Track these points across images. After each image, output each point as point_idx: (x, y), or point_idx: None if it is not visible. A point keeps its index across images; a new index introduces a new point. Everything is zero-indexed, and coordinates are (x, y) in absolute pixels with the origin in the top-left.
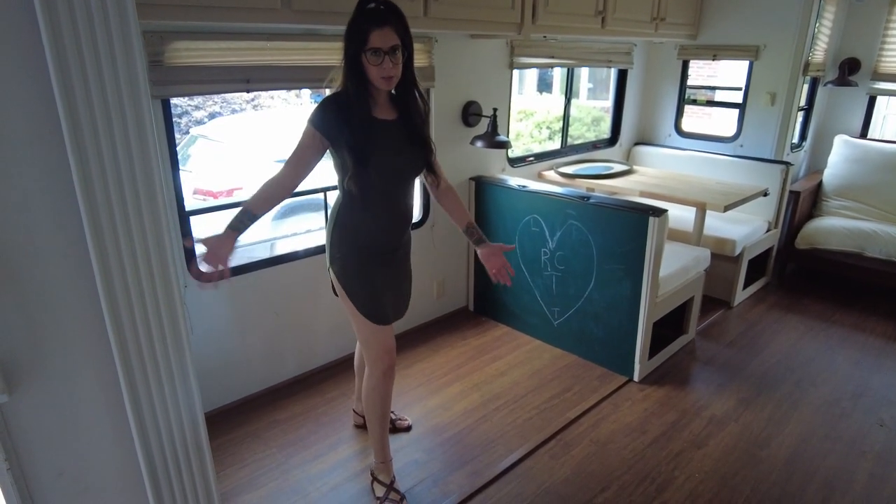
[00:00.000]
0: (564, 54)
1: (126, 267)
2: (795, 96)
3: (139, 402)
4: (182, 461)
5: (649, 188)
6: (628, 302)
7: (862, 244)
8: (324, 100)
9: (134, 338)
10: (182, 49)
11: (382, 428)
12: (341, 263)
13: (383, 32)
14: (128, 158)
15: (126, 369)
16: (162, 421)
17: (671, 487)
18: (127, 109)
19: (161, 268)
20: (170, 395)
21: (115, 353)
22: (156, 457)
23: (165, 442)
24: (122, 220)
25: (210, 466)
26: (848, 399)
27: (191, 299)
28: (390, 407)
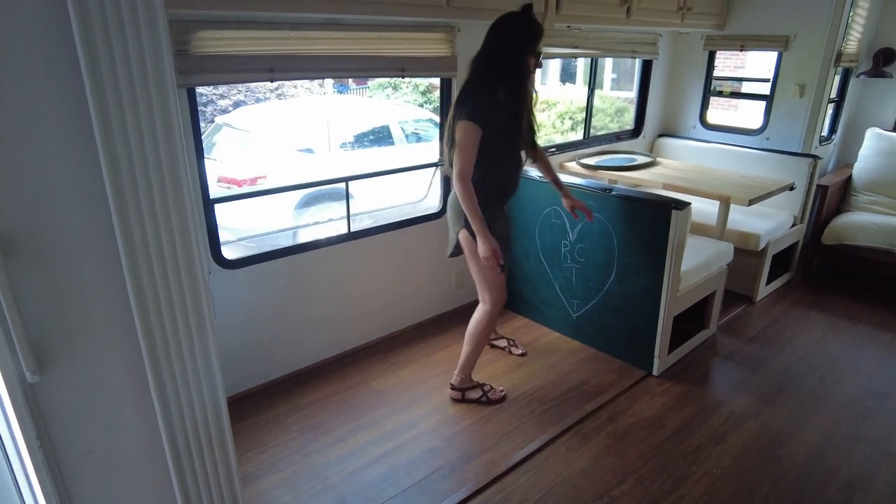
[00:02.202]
0: (588, 45)
1: (152, 254)
2: (826, 88)
3: (163, 385)
4: (204, 443)
5: (672, 181)
6: (649, 295)
7: (892, 241)
8: (475, 94)
9: (159, 322)
10: (208, 38)
11: (478, 355)
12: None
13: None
14: (154, 147)
15: (151, 353)
16: (185, 404)
17: (688, 482)
18: (154, 98)
19: (186, 254)
20: (193, 378)
21: (141, 338)
22: (179, 438)
23: (188, 424)
24: (148, 208)
25: (231, 449)
26: (873, 398)
27: (215, 286)
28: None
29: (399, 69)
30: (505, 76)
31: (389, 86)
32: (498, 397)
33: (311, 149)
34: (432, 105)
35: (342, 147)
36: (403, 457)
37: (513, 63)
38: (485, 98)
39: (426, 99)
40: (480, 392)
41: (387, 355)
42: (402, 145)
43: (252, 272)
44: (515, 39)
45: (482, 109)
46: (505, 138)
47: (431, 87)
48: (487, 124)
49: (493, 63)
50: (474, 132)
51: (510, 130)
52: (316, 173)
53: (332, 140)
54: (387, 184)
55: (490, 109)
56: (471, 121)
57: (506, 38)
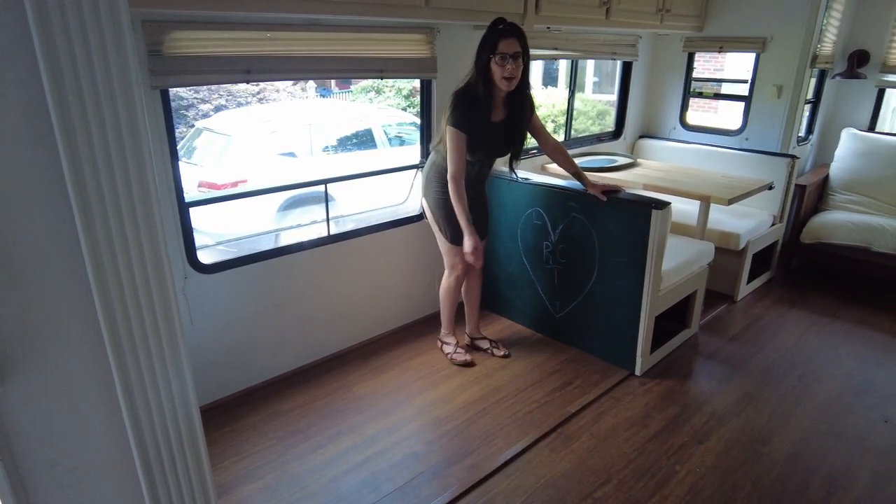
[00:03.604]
0: (568, 46)
1: (118, 258)
2: (803, 89)
3: (132, 394)
4: (176, 453)
5: (653, 181)
6: (630, 295)
7: (869, 239)
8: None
9: (127, 328)
10: (182, 39)
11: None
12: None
13: (509, 42)
14: (119, 150)
15: (119, 360)
16: (156, 413)
17: (672, 482)
18: (119, 99)
19: (154, 259)
20: (163, 386)
21: (108, 345)
22: (149, 449)
23: (160, 434)
24: (113, 212)
25: (205, 457)
26: (852, 395)
27: (192, 291)
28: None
29: (378, 70)
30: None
31: (372, 90)
32: (459, 360)
33: (293, 153)
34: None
35: (325, 151)
36: (385, 462)
37: (481, 68)
38: (467, 105)
39: (409, 103)
40: (451, 349)
41: (368, 360)
42: (385, 149)
43: (229, 277)
44: (480, 46)
45: (465, 115)
46: (479, 145)
47: (414, 91)
48: (471, 131)
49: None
50: (460, 138)
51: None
52: (297, 177)
53: (315, 144)
54: (369, 187)
55: (471, 114)
56: (455, 127)
57: (478, 47)
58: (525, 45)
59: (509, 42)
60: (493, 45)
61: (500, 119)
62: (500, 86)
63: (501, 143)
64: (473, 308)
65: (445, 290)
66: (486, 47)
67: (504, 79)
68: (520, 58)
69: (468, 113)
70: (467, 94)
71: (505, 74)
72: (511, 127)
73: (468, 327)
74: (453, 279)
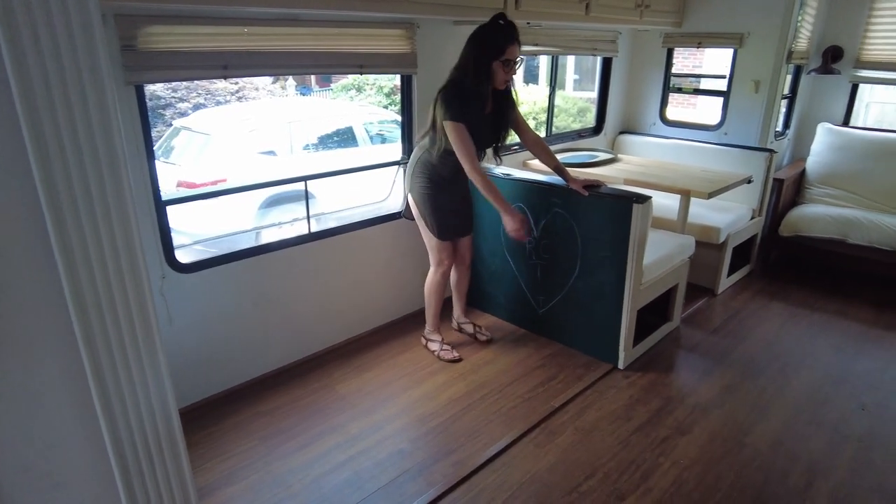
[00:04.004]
0: (549, 42)
1: (91, 257)
2: (779, 84)
3: (108, 396)
4: (155, 456)
5: (634, 176)
6: (613, 289)
7: (845, 231)
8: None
9: (101, 330)
10: (156, 34)
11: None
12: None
13: (513, 48)
14: (91, 147)
15: (93, 362)
16: (133, 415)
17: (656, 474)
18: (89, 94)
19: (129, 258)
20: (140, 387)
21: (82, 347)
22: (127, 452)
23: (137, 436)
24: (85, 210)
25: (185, 460)
26: (830, 384)
27: (170, 291)
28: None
29: (358, 66)
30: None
31: (353, 87)
32: (447, 358)
33: (273, 151)
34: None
35: (305, 149)
36: (369, 461)
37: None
38: (461, 98)
39: (390, 101)
40: (438, 346)
41: (351, 358)
42: (367, 146)
43: (209, 276)
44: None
45: (461, 108)
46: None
47: (395, 90)
48: (469, 121)
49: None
50: (461, 129)
51: (476, 128)
52: (278, 175)
53: (295, 142)
54: (351, 185)
55: (466, 106)
56: (455, 121)
57: (472, 45)
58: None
59: (513, 48)
60: (499, 49)
61: (489, 111)
62: (497, 85)
63: (490, 135)
64: (462, 296)
65: (431, 287)
66: (490, 49)
67: (504, 81)
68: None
69: (463, 105)
70: (460, 87)
71: (506, 78)
72: (498, 118)
73: (455, 312)
74: (439, 275)
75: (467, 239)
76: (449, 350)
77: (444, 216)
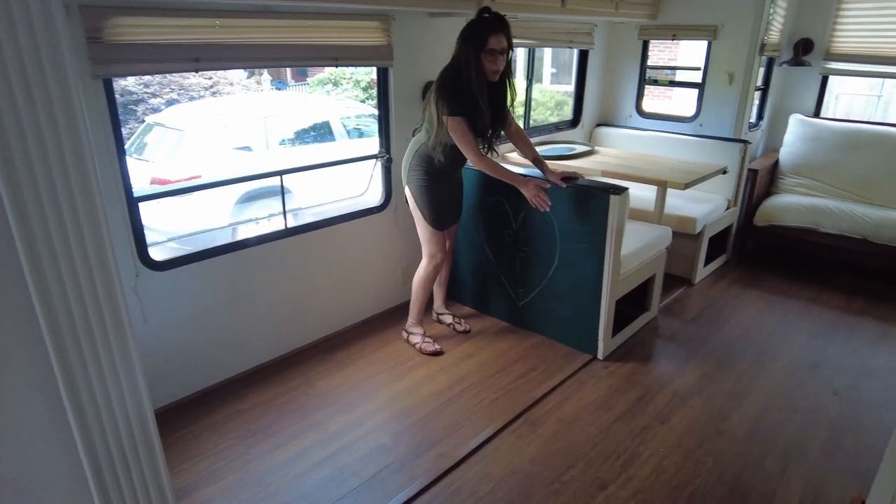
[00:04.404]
0: (525, 34)
1: (58, 255)
2: (752, 76)
3: (79, 398)
4: (131, 459)
5: (611, 168)
6: (591, 280)
7: (817, 220)
8: (446, 93)
9: (70, 330)
10: (124, 25)
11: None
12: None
13: (497, 38)
14: (56, 142)
15: (63, 364)
16: (106, 416)
17: (636, 462)
18: (52, 87)
19: (98, 255)
20: (113, 388)
21: (50, 348)
22: (100, 453)
23: (110, 437)
24: (51, 207)
25: (161, 461)
26: (804, 370)
27: (144, 290)
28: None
29: (333, 58)
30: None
31: (330, 82)
32: (429, 350)
33: (248, 147)
34: (373, 100)
35: (281, 144)
36: (350, 457)
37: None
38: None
39: (368, 95)
40: (419, 339)
41: (331, 354)
42: (344, 141)
43: (184, 273)
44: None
45: (459, 101)
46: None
47: (372, 84)
48: (467, 113)
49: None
50: (462, 123)
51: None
52: (253, 171)
53: (271, 137)
54: (328, 180)
55: (463, 99)
56: (455, 115)
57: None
58: (510, 38)
59: (498, 38)
60: (482, 40)
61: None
62: (489, 77)
63: (485, 125)
64: (444, 286)
65: (421, 280)
66: (474, 41)
67: (493, 71)
68: (506, 52)
69: (461, 99)
70: (454, 81)
71: (494, 68)
72: (494, 110)
73: (436, 302)
74: (431, 268)
75: (455, 225)
76: (430, 343)
77: (440, 207)
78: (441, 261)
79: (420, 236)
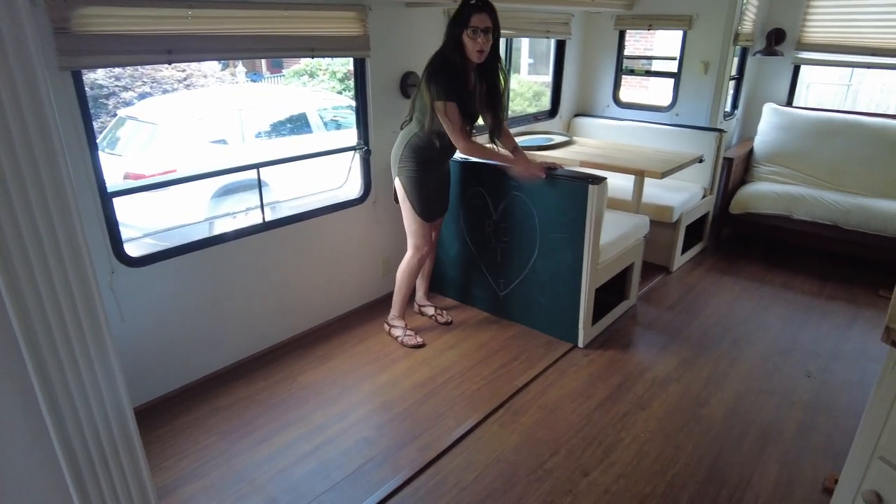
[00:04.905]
0: (503, 24)
1: (30, 252)
2: (727, 65)
3: (55, 398)
4: (110, 456)
5: (589, 158)
6: (571, 270)
7: (790, 207)
8: (437, 77)
9: (45, 329)
10: (92, 15)
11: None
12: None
13: (480, 17)
14: (24, 137)
15: (37, 364)
16: (84, 416)
17: (618, 448)
18: (17, 79)
19: (72, 252)
20: (91, 387)
21: (24, 348)
22: (79, 454)
23: (89, 438)
24: (20, 203)
25: (142, 459)
26: (779, 354)
27: (120, 286)
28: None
29: (309, 49)
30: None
31: (306, 73)
32: (410, 343)
33: (224, 140)
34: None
35: (257, 137)
36: (334, 450)
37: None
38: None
39: (344, 86)
40: (401, 332)
41: (312, 348)
42: (321, 133)
43: (161, 269)
44: (452, 20)
45: (448, 85)
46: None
47: (349, 74)
48: (457, 97)
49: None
50: (451, 107)
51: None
52: (230, 164)
53: (247, 130)
54: (306, 173)
55: (451, 83)
56: (444, 100)
57: (448, 24)
58: (496, 20)
59: (481, 17)
60: (465, 19)
61: (473, 87)
62: (471, 57)
63: (480, 110)
64: (426, 278)
65: (406, 271)
66: (458, 21)
67: (476, 52)
68: (490, 32)
69: (449, 83)
70: (442, 65)
71: (476, 48)
72: (487, 94)
73: (418, 294)
74: (416, 260)
75: (440, 219)
76: (412, 336)
77: (429, 199)
78: (426, 253)
79: (407, 228)
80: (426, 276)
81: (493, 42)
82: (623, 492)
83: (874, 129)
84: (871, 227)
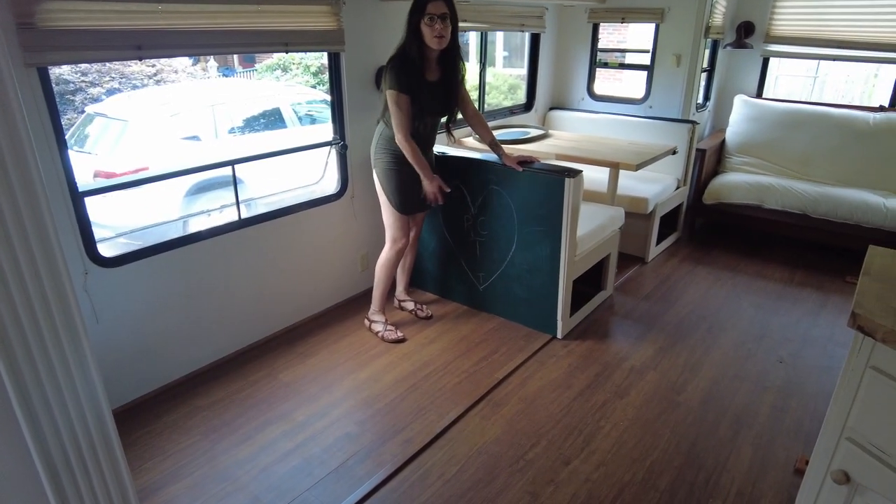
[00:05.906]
0: (478, 18)
1: (1, 256)
2: (698, 58)
3: (30, 403)
4: (89, 459)
5: (565, 151)
6: (549, 262)
7: (761, 197)
8: (393, 67)
9: (18, 333)
10: (57, 10)
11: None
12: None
13: (436, 4)
14: None
15: (11, 368)
16: (61, 419)
17: (598, 437)
18: None
19: (44, 254)
20: (68, 390)
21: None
22: (56, 458)
23: (67, 441)
24: None
25: (122, 461)
26: (752, 341)
27: (95, 287)
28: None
29: (283, 44)
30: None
31: (279, 67)
32: (391, 339)
33: (196, 136)
34: (325, 86)
35: (231, 133)
36: (317, 446)
37: (412, 30)
38: (402, 66)
39: (318, 80)
40: (382, 328)
41: (293, 345)
42: (296, 128)
43: (136, 269)
44: (411, 10)
45: (402, 76)
46: (416, 104)
47: (323, 68)
48: (410, 90)
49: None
50: (401, 98)
51: (419, 97)
52: (203, 161)
53: (220, 126)
54: (282, 168)
55: (407, 75)
56: (395, 89)
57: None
58: (453, 9)
59: (436, 4)
60: (421, 6)
61: (435, 79)
62: (430, 45)
63: (438, 103)
64: (407, 273)
65: (384, 264)
66: (415, 10)
67: (435, 38)
68: (447, 19)
69: (404, 74)
70: (401, 56)
71: (435, 34)
72: (446, 86)
73: (398, 288)
74: (394, 252)
75: (422, 214)
76: (393, 331)
77: (406, 191)
78: (404, 246)
79: (384, 220)
80: (407, 270)
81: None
82: (603, 479)
83: (840, 120)
84: (838, 216)
